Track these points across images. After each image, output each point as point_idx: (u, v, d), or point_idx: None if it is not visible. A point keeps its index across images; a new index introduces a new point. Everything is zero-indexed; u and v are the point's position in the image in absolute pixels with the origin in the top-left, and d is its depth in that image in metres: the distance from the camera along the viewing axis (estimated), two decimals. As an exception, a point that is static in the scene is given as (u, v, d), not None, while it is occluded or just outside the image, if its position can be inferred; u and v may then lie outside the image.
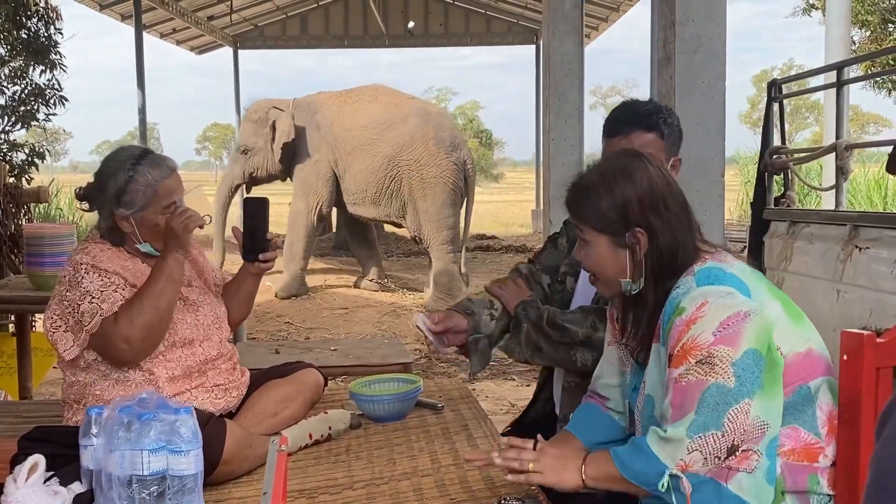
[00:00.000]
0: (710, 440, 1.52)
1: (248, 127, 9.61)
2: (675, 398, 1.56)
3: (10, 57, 10.00)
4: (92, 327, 2.15)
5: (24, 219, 4.94)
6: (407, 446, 2.27)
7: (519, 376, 6.29)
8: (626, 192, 1.69)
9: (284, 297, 9.18)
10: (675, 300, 1.64)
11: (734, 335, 1.53)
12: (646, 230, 1.69)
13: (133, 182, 2.24)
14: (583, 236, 1.78)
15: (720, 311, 1.56)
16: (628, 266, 1.72)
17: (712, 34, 2.83)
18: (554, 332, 2.26)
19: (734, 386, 1.51)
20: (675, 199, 1.71)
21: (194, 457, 1.81)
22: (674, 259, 1.68)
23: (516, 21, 18.58)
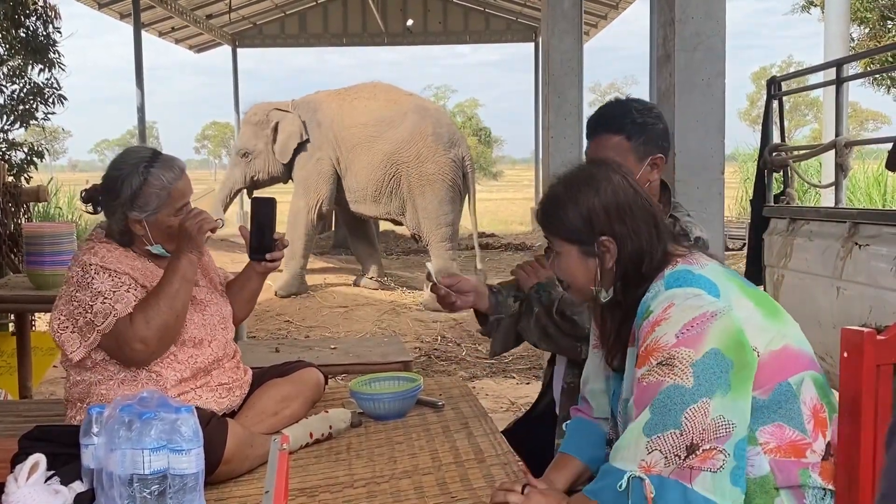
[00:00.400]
0: (669, 439, 1.51)
1: (247, 130, 9.53)
2: (637, 398, 1.59)
3: (9, 56, 9.99)
4: (105, 328, 2.16)
5: (23, 218, 4.94)
6: (407, 444, 2.27)
7: (519, 374, 6.29)
8: (591, 201, 1.71)
9: (284, 296, 9.17)
10: (645, 304, 1.66)
11: (697, 336, 1.54)
12: (613, 238, 1.70)
13: (147, 185, 2.25)
14: (554, 247, 1.80)
15: (685, 312, 1.58)
16: (597, 274, 1.74)
17: (712, 32, 2.83)
18: (563, 322, 2.29)
19: (692, 386, 1.52)
20: (640, 207, 1.73)
21: (195, 456, 1.81)
22: (640, 266, 1.70)
23: (515, 19, 18.57)
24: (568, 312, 2.27)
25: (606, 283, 1.74)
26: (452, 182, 9.20)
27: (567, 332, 2.29)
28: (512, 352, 6.99)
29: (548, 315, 2.31)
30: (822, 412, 1.65)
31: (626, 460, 1.55)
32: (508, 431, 2.53)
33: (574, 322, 2.26)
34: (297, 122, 9.23)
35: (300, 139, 9.22)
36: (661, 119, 2.37)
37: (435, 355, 6.91)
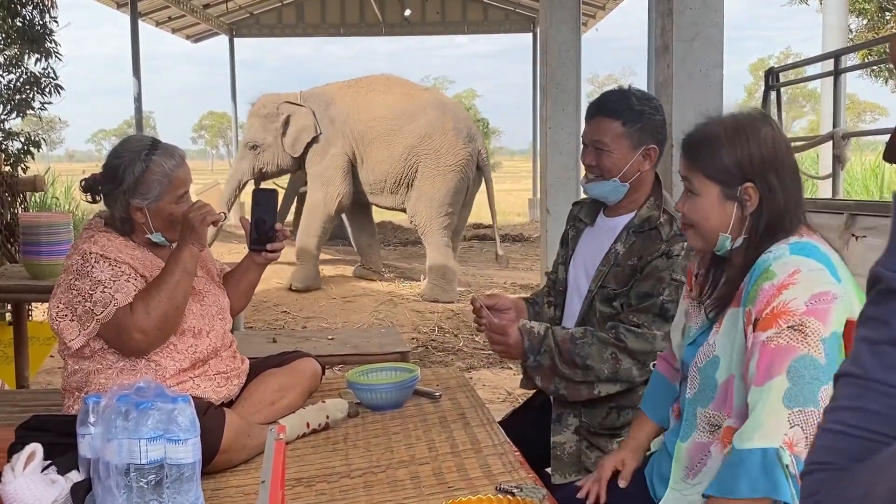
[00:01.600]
0: (810, 418, 1.46)
1: (256, 122, 9.40)
2: (762, 360, 1.53)
3: (5, 45, 9.95)
4: (105, 317, 2.16)
5: (20, 207, 4.93)
6: (404, 435, 2.27)
7: (516, 365, 6.29)
8: (751, 146, 1.68)
9: (301, 290, 9.04)
10: (766, 263, 1.62)
11: (824, 312, 1.51)
12: (760, 188, 1.67)
13: (150, 172, 2.25)
14: (691, 186, 1.76)
15: (812, 283, 1.54)
16: (733, 220, 1.71)
17: (710, 22, 2.82)
18: (573, 372, 2.27)
19: (824, 364, 1.48)
20: (792, 168, 1.70)
21: (192, 445, 1.81)
22: (779, 225, 1.66)
23: (513, 9, 18.50)
24: (577, 358, 2.26)
25: (736, 232, 1.71)
26: (464, 175, 9.18)
27: (580, 379, 2.28)
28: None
29: (555, 372, 2.30)
30: None
31: (769, 437, 1.48)
32: (505, 422, 2.53)
33: (588, 368, 2.25)
34: (311, 117, 9.14)
35: (314, 133, 9.13)
36: (659, 111, 2.38)
37: (432, 346, 6.91)
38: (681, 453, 1.76)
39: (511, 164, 62.95)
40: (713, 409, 1.68)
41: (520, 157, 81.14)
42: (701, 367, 1.72)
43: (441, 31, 19.49)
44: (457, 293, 8.94)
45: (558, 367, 2.27)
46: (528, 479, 1.92)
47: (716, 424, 1.68)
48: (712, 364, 1.69)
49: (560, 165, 5.71)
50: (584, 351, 2.25)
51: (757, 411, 1.51)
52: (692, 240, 1.82)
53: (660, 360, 2.08)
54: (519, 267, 11.62)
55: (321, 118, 9.25)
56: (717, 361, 1.67)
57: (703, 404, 1.71)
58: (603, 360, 2.23)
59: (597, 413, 2.34)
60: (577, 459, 2.33)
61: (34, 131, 10.61)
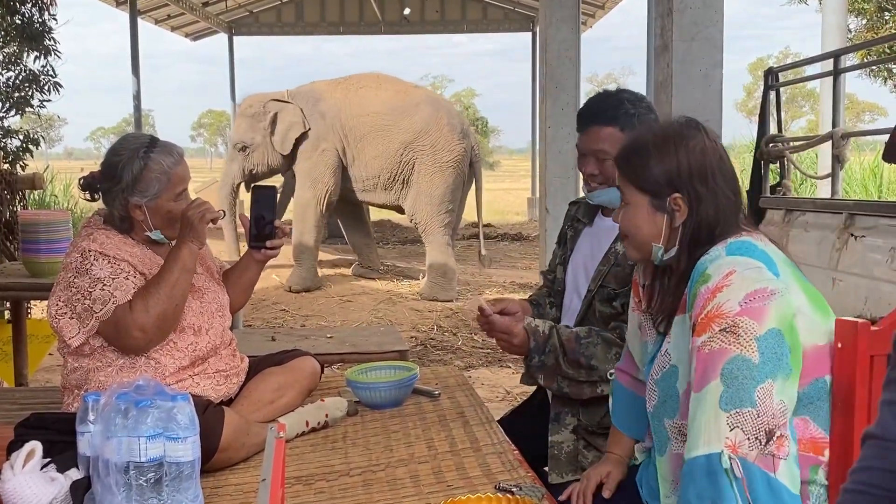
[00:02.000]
0: (748, 418, 1.46)
1: (243, 122, 9.31)
2: (698, 366, 1.53)
3: (4, 43, 9.94)
4: (104, 314, 2.16)
5: (19, 205, 4.93)
6: (404, 433, 2.27)
7: (515, 364, 6.30)
8: (679, 157, 1.68)
9: (298, 291, 9.00)
10: (702, 266, 1.62)
11: (760, 310, 1.50)
12: (688, 198, 1.68)
13: (148, 170, 2.26)
14: (624, 196, 1.77)
15: (747, 282, 1.53)
16: (664, 231, 1.71)
17: (710, 22, 2.82)
18: (577, 371, 2.27)
19: (758, 363, 1.47)
20: (724, 175, 1.70)
21: (191, 444, 1.81)
22: (710, 233, 1.67)
23: (512, 8, 18.51)
24: (583, 360, 2.25)
25: (669, 242, 1.72)
26: (461, 171, 9.15)
27: (584, 379, 2.27)
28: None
29: (558, 371, 2.29)
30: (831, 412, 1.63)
31: (710, 443, 1.48)
32: (504, 421, 2.53)
33: (591, 367, 2.25)
34: (298, 113, 9.08)
35: (303, 128, 9.08)
36: (651, 110, 2.37)
37: (431, 345, 6.91)
38: (662, 468, 1.75)
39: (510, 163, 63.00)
40: (680, 420, 1.67)
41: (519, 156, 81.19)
42: (658, 379, 1.71)
43: (440, 29, 19.49)
44: (456, 292, 8.94)
45: (562, 367, 2.27)
46: (528, 477, 1.92)
47: (685, 434, 1.64)
48: (670, 374, 1.68)
49: (559, 164, 5.71)
50: (588, 351, 2.24)
51: (697, 418, 1.51)
52: (629, 251, 1.82)
53: (618, 372, 2.06)
54: (518, 266, 11.63)
55: (311, 114, 9.18)
56: (675, 371, 1.67)
57: (668, 415, 1.70)
58: (607, 360, 2.22)
59: (595, 413, 2.33)
60: (574, 459, 2.33)
61: (33, 129, 10.61)
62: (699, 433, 1.49)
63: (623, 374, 2.05)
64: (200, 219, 2.27)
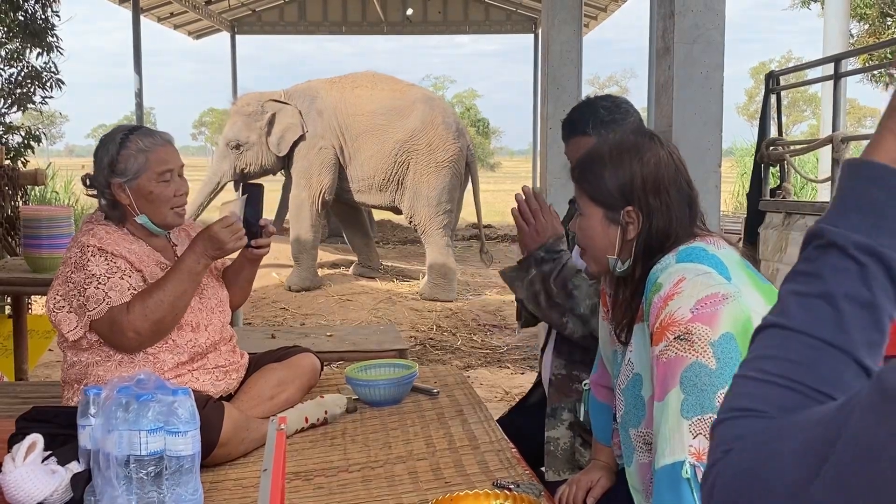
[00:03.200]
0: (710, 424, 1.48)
1: (239, 121, 9.17)
2: (658, 375, 1.54)
3: (7, 39, 9.96)
4: (96, 314, 2.16)
5: (20, 201, 4.95)
6: (402, 430, 2.29)
7: (513, 364, 6.32)
8: (632, 169, 1.68)
9: (298, 290, 8.94)
10: (654, 276, 1.63)
11: (711, 315, 1.50)
12: (641, 211, 1.68)
13: (124, 149, 2.26)
14: (580, 207, 1.78)
15: (697, 288, 1.53)
16: (617, 244, 1.72)
17: (711, 25, 2.84)
18: (558, 291, 2.25)
19: (715, 368, 1.47)
20: (678, 188, 1.70)
21: (192, 438, 1.82)
22: (663, 244, 1.67)
23: (515, 10, 18.50)
24: (569, 285, 2.24)
25: (624, 254, 1.72)
26: (457, 171, 9.14)
27: (559, 302, 2.26)
28: (506, 342, 7.05)
29: (543, 282, 2.29)
30: None
31: (674, 453, 1.47)
32: (503, 420, 2.54)
33: (571, 295, 2.23)
34: (297, 115, 9.01)
35: (301, 131, 9.00)
36: (630, 114, 2.37)
37: (430, 344, 6.93)
38: (632, 478, 1.75)
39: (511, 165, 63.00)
40: (645, 428, 1.67)
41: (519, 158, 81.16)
42: (624, 388, 1.71)
43: (443, 30, 19.49)
44: (456, 292, 8.94)
45: (550, 278, 2.26)
46: (526, 475, 1.93)
47: (651, 442, 1.65)
48: (635, 383, 1.68)
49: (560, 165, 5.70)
50: (578, 281, 2.24)
51: (662, 428, 1.51)
52: (587, 263, 1.83)
53: (593, 385, 2.07)
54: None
55: (308, 113, 9.09)
56: (639, 379, 1.67)
57: (633, 425, 1.70)
58: (587, 298, 2.21)
59: (581, 412, 2.34)
60: (570, 456, 2.34)
61: (34, 126, 10.62)
62: (665, 443, 1.50)
63: (598, 387, 2.06)
64: (230, 243, 2.27)
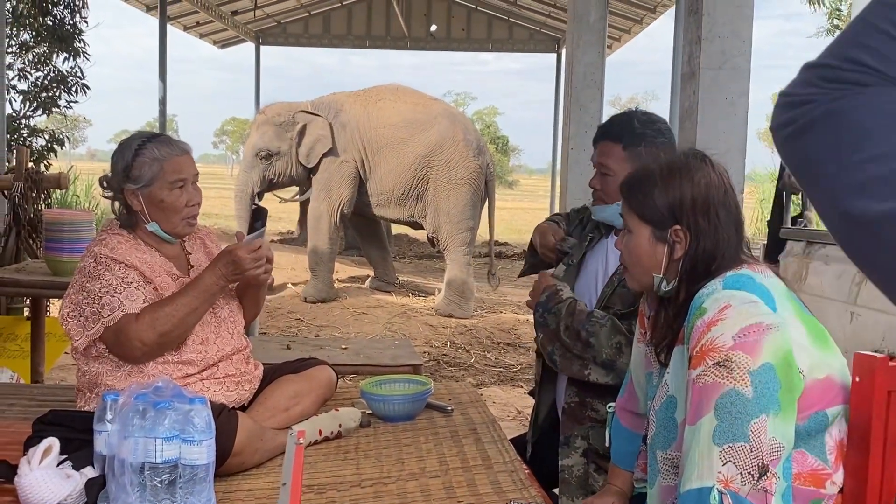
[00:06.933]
0: (741, 453, 1.46)
1: (270, 130, 9.14)
2: (693, 399, 1.54)
3: (35, 43, 10.07)
4: (111, 320, 2.17)
5: (43, 204, 4.99)
6: (416, 447, 2.28)
7: (527, 384, 6.29)
8: (682, 189, 1.70)
9: (314, 301, 8.94)
10: (699, 300, 1.63)
11: (753, 344, 1.50)
12: (689, 231, 1.69)
13: (140, 156, 2.27)
14: (627, 225, 1.79)
15: (742, 317, 1.53)
16: (664, 262, 1.72)
17: (738, 51, 2.84)
18: (574, 343, 2.25)
19: (752, 397, 1.47)
20: (727, 210, 1.71)
21: (207, 447, 1.83)
22: (709, 265, 1.67)
23: (538, 29, 18.55)
24: (583, 333, 2.24)
25: (670, 273, 1.73)
26: (477, 188, 9.14)
27: (577, 353, 2.26)
28: (520, 361, 7.03)
29: (553, 339, 2.29)
30: (846, 447, 1.63)
31: (702, 478, 1.47)
32: (515, 441, 2.53)
33: (588, 344, 2.23)
34: (327, 127, 9.01)
35: (330, 144, 9.00)
36: (663, 134, 2.36)
37: (444, 360, 6.92)
38: (653, 500, 1.75)
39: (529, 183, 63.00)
40: (675, 451, 1.66)
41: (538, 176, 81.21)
42: (657, 410, 1.71)
43: (465, 47, 19.54)
44: (471, 310, 8.93)
45: (561, 333, 2.26)
46: (538, 497, 1.92)
47: (679, 465, 1.64)
48: (668, 404, 1.68)
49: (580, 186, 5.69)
50: (593, 328, 2.23)
51: (691, 452, 1.51)
52: (628, 280, 1.84)
53: (619, 410, 2.06)
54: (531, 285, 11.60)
55: (333, 125, 9.14)
56: (674, 401, 1.67)
57: (661, 447, 1.70)
58: (606, 345, 2.21)
59: (605, 436, 2.33)
60: (584, 482, 2.33)
61: (58, 129, 10.72)
62: (693, 467, 1.49)
63: (623, 412, 2.05)
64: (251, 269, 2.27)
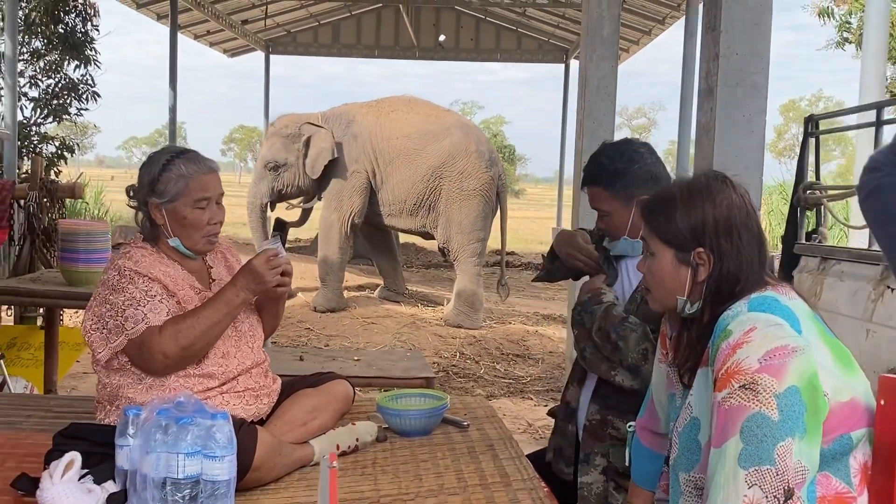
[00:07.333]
0: (767, 476, 1.46)
1: (278, 142, 9.26)
2: (718, 422, 1.54)
3: (46, 51, 10.13)
4: (134, 333, 2.18)
5: (57, 213, 5.01)
6: (433, 463, 2.28)
7: (536, 396, 6.29)
8: (704, 211, 1.70)
9: (324, 311, 8.98)
10: (724, 322, 1.63)
11: (779, 367, 1.50)
12: (713, 253, 1.69)
13: (167, 171, 2.28)
14: (649, 248, 1.78)
15: (767, 339, 1.53)
16: (687, 285, 1.72)
17: (755, 69, 2.84)
18: (604, 344, 2.27)
19: (778, 420, 1.47)
20: (749, 231, 1.71)
21: (228, 463, 1.83)
22: (733, 287, 1.67)
23: (547, 39, 18.57)
24: (613, 335, 2.25)
25: (694, 295, 1.72)
26: (489, 199, 9.16)
27: (606, 355, 2.28)
28: (529, 372, 7.03)
29: (586, 337, 2.31)
30: (871, 470, 1.62)
31: (728, 500, 1.48)
32: (532, 457, 2.53)
33: (617, 347, 2.24)
34: (330, 139, 9.05)
35: (331, 156, 9.03)
36: (635, 160, 2.39)
37: (453, 371, 6.91)
38: None
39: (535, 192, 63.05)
40: (698, 473, 1.66)
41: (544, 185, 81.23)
42: (680, 431, 1.71)
43: (474, 57, 19.56)
44: (481, 320, 8.92)
45: (593, 333, 2.29)
46: (558, 516, 1.92)
47: (702, 487, 1.65)
48: (692, 426, 1.68)
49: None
50: (623, 332, 2.24)
51: (717, 475, 1.51)
52: (651, 302, 1.83)
53: (639, 429, 2.06)
54: (542, 296, 11.62)
55: (343, 136, 9.17)
56: (697, 423, 1.67)
57: (684, 468, 1.69)
58: (634, 350, 2.22)
59: (625, 454, 2.33)
60: (604, 500, 2.33)
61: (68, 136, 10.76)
62: (718, 490, 1.50)
63: (644, 431, 2.05)
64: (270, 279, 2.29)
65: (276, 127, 9.45)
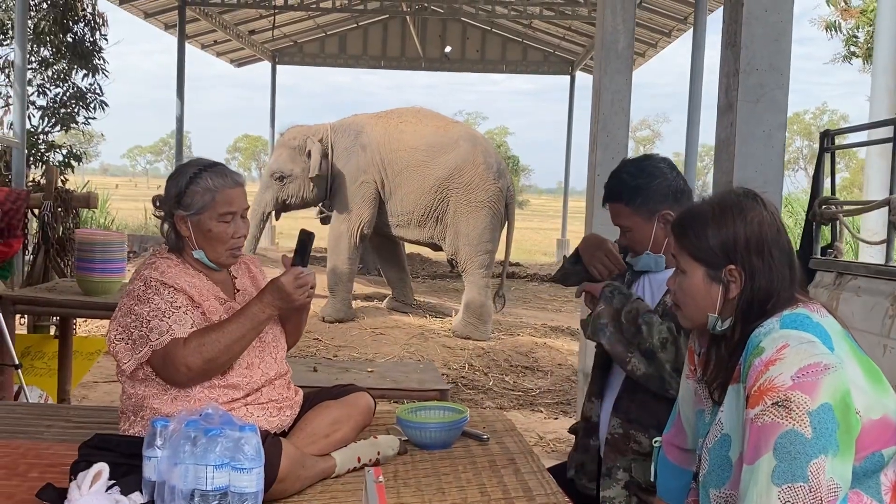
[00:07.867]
0: (800, 493, 1.47)
1: (284, 153, 9.38)
2: (751, 439, 1.54)
3: (55, 60, 10.16)
4: (158, 344, 2.18)
5: (72, 223, 5.02)
6: (454, 476, 2.28)
7: (546, 409, 6.28)
8: (735, 228, 1.70)
9: (332, 321, 9.02)
10: (756, 339, 1.63)
11: (812, 384, 1.50)
12: (744, 270, 1.69)
13: (194, 184, 2.29)
14: (680, 265, 1.78)
15: (800, 356, 1.54)
16: (719, 302, 1.72)
17: (775, 84, 2.85)
18: (628, 325, 2.28)
19: (811, 437, 1.47)
20: (780, 248, 1.71)
21: (256, 475, 1.84)
22: (764, 305, 1.67)
23: (552, 51, 18.66)
24: (640, 320, 2.26)
25: (725, 313, 1.72)
26: (497, 211, 9.20)
27: (626, 336, 2.28)
28: (538, 385, 7.02)
29: (613, 315, 2.31)
30: None
31: None
32: (553, 471, 2.52)
33: (639, 330, 2.25)
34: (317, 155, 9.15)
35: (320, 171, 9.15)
36: (656, 175, 2.39)
37: (462, 383, 6.90)
38: None
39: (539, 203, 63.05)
40: (729, 489, 1.66)
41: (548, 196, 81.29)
42: (711, 447, 1.71)
43: (479, 68, 19.64)
44: (489, 332, 8.92)
45: (622, 312, 2.30)
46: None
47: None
48: (722, 443, 1.68)
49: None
50: (648, 318, 2.26)
51: (749, 492, 1.51)
52: (681, 319, 1.84)
53: (666, 445, 2.06)
54: (548, 308, 11.61)
55: (352, 147, 9.25)
56: (728, 440, 1.67)
57: (715, 485, 1.69)
58: (653, 336, 2.23)
59: (647, 469, 2.33)
60: (626, 514, 2.33)
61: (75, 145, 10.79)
62: None
63: (670, 446, 2.04)
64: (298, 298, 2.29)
65: (284, 138, 9.56)
